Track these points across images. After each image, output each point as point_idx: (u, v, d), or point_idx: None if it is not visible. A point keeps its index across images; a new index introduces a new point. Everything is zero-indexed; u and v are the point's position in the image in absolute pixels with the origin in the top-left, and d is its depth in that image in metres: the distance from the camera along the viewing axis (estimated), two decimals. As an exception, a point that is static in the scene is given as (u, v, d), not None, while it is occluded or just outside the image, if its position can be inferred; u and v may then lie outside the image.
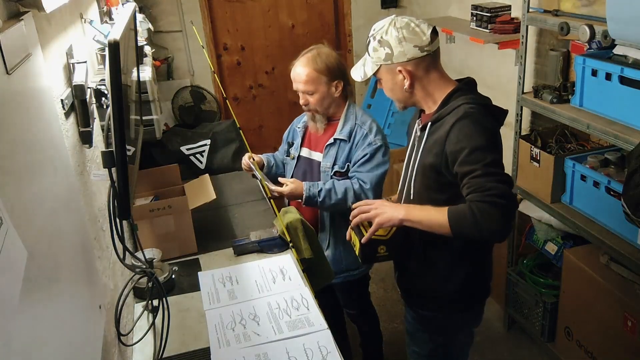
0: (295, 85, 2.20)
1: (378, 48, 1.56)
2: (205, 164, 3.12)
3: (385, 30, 1.54)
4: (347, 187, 2.14)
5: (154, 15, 3.72)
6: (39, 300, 0.86)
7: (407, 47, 1.53)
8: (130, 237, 2.01)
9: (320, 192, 2.15)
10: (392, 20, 1.55)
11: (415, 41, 1.53)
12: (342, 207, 2.15)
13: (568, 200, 2.44)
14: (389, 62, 1.56)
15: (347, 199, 2.13)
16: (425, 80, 1.60)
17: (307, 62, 2.15)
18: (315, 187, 2.17)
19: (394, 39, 1.53)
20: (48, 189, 1.03)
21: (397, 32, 1.52)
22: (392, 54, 1.54)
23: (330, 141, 2.20)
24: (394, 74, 1.58)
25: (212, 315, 1.80)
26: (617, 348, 2.25)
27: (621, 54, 2.07)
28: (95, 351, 1.19)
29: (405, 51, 1.53)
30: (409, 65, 1.56)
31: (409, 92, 1.61)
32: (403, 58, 1.54)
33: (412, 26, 1.54)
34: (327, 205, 2.16)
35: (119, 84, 1.09)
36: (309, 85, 2.15)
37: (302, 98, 2.20)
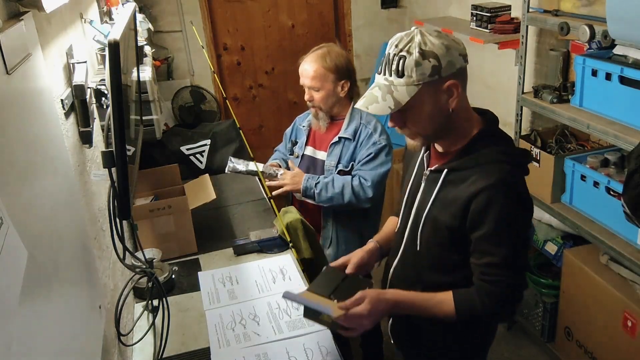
0: (302, 80, 2.20)
1: (421, 61, 1.23)
2: (205, 164, 3.11)
3: (421, 41, 1.24)
4: (345, 182, 2.14)
5: (154, 15, 3.72)
6: (39, 300, 0.86)
7: (455, 54, 1.26)
8: (130, 237, 2.01)
9: (318, 184, 2.16)
10: (419, 31, 1.27)
11: (459, 49, 1.28)
12: (339, 202, 2.15)
13: (568, 200, 2.44)
14: (436, 76, 1.24)
15: (343, 194, 2.14)
16: (463, 103, 1.33)
17: (316, 59, 2.15)
18: (312, 180, 2.19)
19: (439, 47, 1.23)
20: (48, 189, 1.03)
21: (439, 40, 1.24)
22: (440, 66, 1.24)
23: (335, 140, 2.21)
24: (437, 94, 1.27)
25: (212, 315, 1.80)
26: (617, 348, 2.25)
27: (621, 54, 2.07)
28: (95, 351, 1.19)
29: (454, 60, 1.26)
30: (458, 77, 1.28)
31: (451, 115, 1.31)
32: (453, 69, 1.26)
33: (443, 34, 1.29)
34: (324, 198, 2.17)
35: (119, 84, 1.09)
36: (316, 82, 2.15)
37: (307, 93, 2.20)
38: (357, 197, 2.13)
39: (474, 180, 1.29)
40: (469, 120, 1.36)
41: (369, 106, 1.29)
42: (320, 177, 2.20)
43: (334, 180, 2.16)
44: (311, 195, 2.20)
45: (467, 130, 1.36)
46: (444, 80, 1.26)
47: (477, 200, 1.27)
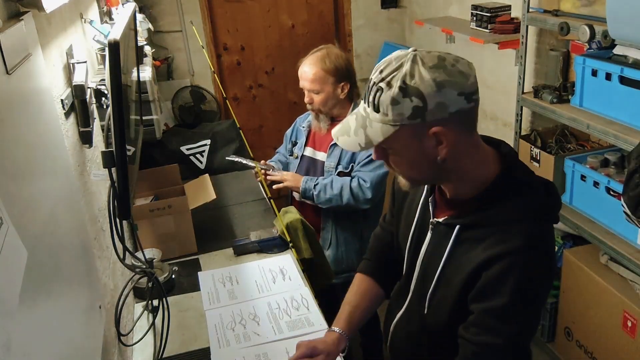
0: (301, 82, 2.20)
1: (400, 100, 1.00)
2: (205, 164, 3.11)
3: (409, 71, 1.00)
4: (343, 184, 2.14)
5: (154, 15, 3.71)
6: (39, 300, 0.86)
7: (450, 95, 1.00)
8: (130, 237, 2.01)
9: (317, 185, 2.17)
10: (414, 56, 1.01)
11: (459, 86, 1.00)
12: (338, 203, 2.16)
13: (568, 200, 2.44)
14: (418, 119, 1.01)
15: (342, 195, 2.14)
16: (463, 150, 1.07)
17: (315, 61, 2.15)
18: (312, 181, 2.19)
19: (428, 84, 0.98)
20: (48, 189, 1.03)
21: (431, 74, 0.99)
22: (424, 108, 0.99)
23: (335, 141, 2.21)
24: (421, 139, 1.04)
25: (212, 315, 1.80)
26: (617, 348, 2.25)
27: (621, 54, 2.07)
28: (95, 351, 1.19)
29: (448, 102, 1.00)
30: (451, 122, 1.02)
31: (443, 164, 1.07)
32: (444, 113, 1.00)
33: (450, 62, 1.01)
34: (323, 200, 2.17)
35: (119, 84, 1.09)
36: (315, 85, 2.15)
37: (307, 96, 2.20)
38: (355, 198, 2.14)
39: (493, 243, 1.07)
40: (481, 163, 1.12)
41: (340, 137, 1.12)
42: (319, 178, 2.21)
43: (333, 182, 2.16)
44: (310, 197, 2.20)
45: (479, 175, 1.12)
46: (429, 125, 1.01)
47: (492, 267, 1.07)
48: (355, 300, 1.46)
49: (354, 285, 1.49)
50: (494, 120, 3.26)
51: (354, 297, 1.47)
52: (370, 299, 1.47)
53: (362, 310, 1.45)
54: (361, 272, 1.50)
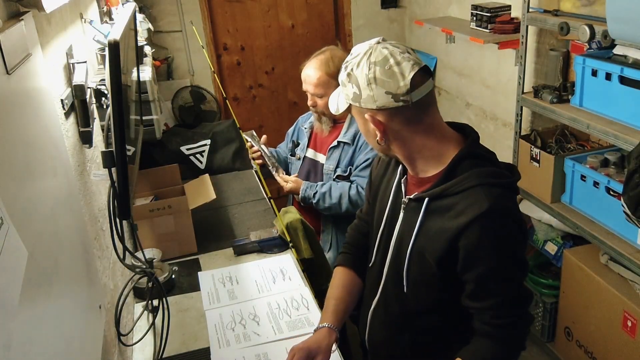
0: (305, 86, 2.20)
1: (346, 83, 1.20)
2: (205, 164, 3.11)
3: (358, 62, 1.17)
4: (342, 192, 2.15)
5: (154, 15, 3.71)
6: (39, 300, 0.86)
7: (378, 92, 1.15)
8: (130, 237, 2.01)
9: (315, 194, 2.17)
10: (370, 49, 1.17)
11: (388, 86, 1.14)
12: (337, 211, 2.17)
13: (568, 200, 2.44)
14: (357, 103, 1.19)
15: (341, 204, 2.15)
16: (406, 135, 1.20)
17: (319, 65, 2.14)
18: (311, 189, 2.20)
19: (362, 77, 1.15)
20: (48, 189, 1.03)
21: (367, 70, 1.15)
22: (359, 96, 1.17)
23: (334, 144, 2.21)
24: (364, 119, 1.21)
25: (212, 315, 1.80)
26: (617, 348, 2.25)
27: (621, 54, 2.07)
28: (95, 351, 1.19)
29: (375, 96, 1.15)
30: (380, 115, 1.18)
31: (384, 145, 1.24)
32: (371, 104, 1.16)
33: (391, 63, 1.14)
34: (322, 208, 2.19)
35: (119, 84, 1.09)
36: (319, 89, 2.15)
37: (310, 99, 2.21)
38: (354, 205, 2.14)
39: (462, 210, 1.14)
40: (437, 147, 1.22)
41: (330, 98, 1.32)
42: (317, 185, 2.21)
43: (332, 190, 2.16)
44: (309, 204, 2.21)
45: (442, 153, 1.22)
46: (364, 111, 1.19)
47: (468, 233, 1.13)
48: (338, 293, 1.49)
49: (334, 279, 1.53)
50: (494, 120, 3.26)
51: (336, 290, 1.50)
52: (352, 291, 1.50)
53: (346, 302, 1.47)
54: (340, 265, 1.54)
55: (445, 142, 1.23)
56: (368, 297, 1.44)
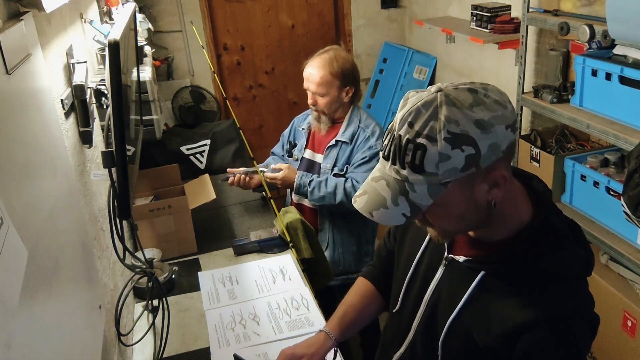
0: (306, 84, 2.19)
1: (450, 152, 0.86)
2: (205, 164, 3.11)
3: (448, 117, 0.86)
4: (338, 183, 2.14)
5: (154, 15, 3.71)
6: (39, 300, 0.86)
7: (500, 131, 0.87)
8: (130, 237, 2.01)
9: (311, 182, 2.16)
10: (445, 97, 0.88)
11: (504, 118, 0.88)
12: (331, 202, 2.15)
13: (568, 200, 2.44)
14: (472, 169, 0.88)
15: (336, 194, 2.14)
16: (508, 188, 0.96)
17: (323, 64, 2.14)
18: (306, 177, 2.19)
19: (475, 125, 0.86)
20: (48, 189, 1.03)
21: (474, 113, 0.87)
22: (478, 154, 0.86)
23: (332, 143, 2.21)
24: (474, 188, 0.92)
25: (212, 315, 1.80)
26: (617, 348, 2.25)
27: (621, 54, 2.07)
28: (95, 351, 1.19)
29: (500, 140, 0.88)
30: (504, 161, 0.91)
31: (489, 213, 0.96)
32: (497, 152, 0.88)
33: (483, 92, 0.89)
34: (316, 197, 2.17)
35: (119, 84, 1.09)
36: (321, 88, 2.14)
37: (311, 98, 2.20)
38: (348, 198, 2.13)
39: (528, 303, 0.94)
40: (516, 202, 1.00)
41: (374, 212, 0.93)
42: (314, 175, 2.21)
43: (327, 180, 2.16)
44: (304, 193, 2.20)
45: (514, 216, 1.00)
46: (484, 171, 0.89)
47: (529, 335, 0.93)
48: (353, 300, 1.40)
49: (355, 286, 1.43)
50: (494, 120, 3.26)
51: (353, 297, 1.40)
52: (368, 302, 1.39)
53: (357, 311, 1.38)
54: (364, 276, 1.44)
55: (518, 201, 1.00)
56: (390, 345, 1.26)
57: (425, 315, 1.13)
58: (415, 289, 1.16)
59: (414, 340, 1.16)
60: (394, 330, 1.25)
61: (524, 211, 1.00)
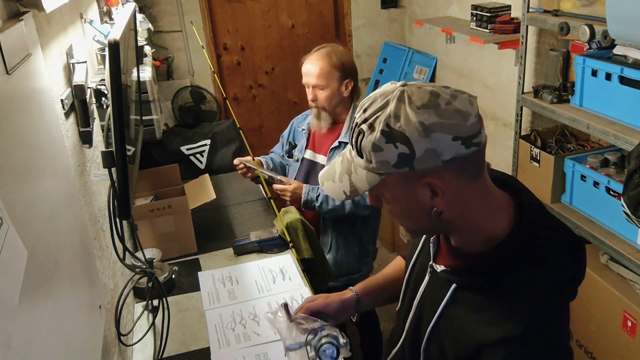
0: (305, 79, 2.17)
1: (382, 145, 0.86)
2: (205, 164, 3.12)
3: (393, 112, 0.86)
4: None
5: (154, 15, 3.71)
6: (39, 300, 0.86)
7: (443, 141, 0.85)
8: (130, 237, 2.01)
9: (318, 197, 2.16)
10: (401, 92, 0.88)
11: (455, 129, 0.85)
12: (340, 213, 2.16)
13: (568, 200, 2.44)
14: (406, 168, 0.87)
15: (344, 206, 2.14)
16: (467, 198, 0.92)
17: (322, 56, 2.13)
18: (313, 192, 2.18)
19: (414, 127, 0.84)
20: (48, 189, 1.03)
21: (419, 115, 0.85)
22: (412, 156, 0.86)
23: (335, 144, 2.20)
24: (415, 188, 0.90)
25: (212, 315, 1.80)
26: (617, 348, 2.25)
27: (621, 54, 2.07)
28: (95, 351, 1.19)
29: (440, 149, 0.85)
30: (446, 173, 0.88)
31: (439, 218, 0.93)
32: (435, 161, 0.86)
33: (446, 99, 0.86)
34: (325, 210, 2.17)
35: (119, 84, 1.09)
36: (321, 80, 2.12)
37: (310, 93, 2.18)
38: (357, 206, 2.14)
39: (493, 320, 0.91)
40: (488, 219, 0.96)
41: (325, 183, 0.99)
42: (319, 188, 2.19)
43: None
44: (312, 208, 2.20)
45: (488, 229, 0.96)
46: (419, 174, 0.87)
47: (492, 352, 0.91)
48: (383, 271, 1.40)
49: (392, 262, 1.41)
50: (494, 120, 3.26)
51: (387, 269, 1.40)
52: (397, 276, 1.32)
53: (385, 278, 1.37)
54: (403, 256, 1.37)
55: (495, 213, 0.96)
56: (389, 342, 1.28)
57: (413, 320, 1.13)
58: (409, 292, 1.17)
59: (404, 341, 1.17)
60: (395, 328, 1.27)
61: (501, 224, 0.96)
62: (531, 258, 0.93)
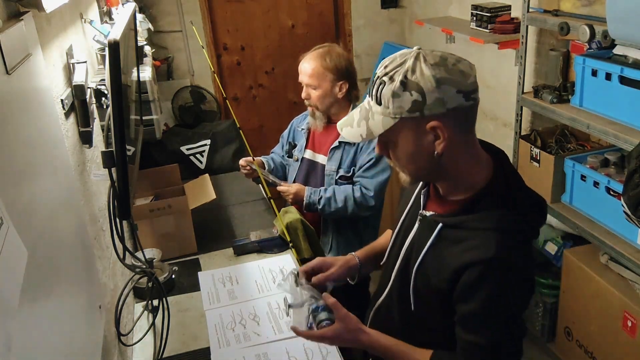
0: (300, 77, 2.20)
1: (400, 93, 1.04)
2: (205, 164, 3.12)
3: (411, 67, 1.05)
4: (347, 195, 2.14)
5: (154, 15, 3.71)
6: (39, 300, 0.86)
7: (449, 92, 1.03)
8: (130, 237, 2.01)
9: (320, 199, 2.16)
10: (418, 54, 1.07)
11: (459, 84, 1.04)
12: (343, 215, 2.16)
13: (568, 200, 2.44)
14: (417, 113, 1.05)
15: (347, 207, 2.14)
16: (460, 148, 1.11)
17: (316, 57, 2.15)
18: (315, 195, 2.18)
19: (428, 79, 1.03)
20: (48, 189, 1.03)
21: (431, 71, 1.03)
22: (423, 102, 1.04)
23: (335, 144, 2.20)
24: (420, 133, 1.08)
25: (212, 315, 1.80)
26: (617, 348, 2.25)
27: (621, 54, 2.07)
28: (95, 351, 1.19)
29: (446, 98, 1.03)
30: (449, 118, 1.06)
31: (439, 159, 1.10)
32: (441, 108, 1.04)
33: (452, 63, 1.06)
34: (327, 213, 2.18)
35: (119, 84, 1.09)
36: (313, 80, 2.14)
37: (304, 91, 2.20)
38: (359, 207, 2.14)
39: (470, 247, 1.11)
40: (474, 168, 1.15)
41: (344, 128, 1.17)
42: (321, 190, 2.20)
43: (336, 194, 2.15)
44: (314, 210, 2.20)
45: (471, 180, 1.15)
46: (427, 119, 1.05)
47: (469, 272, 1.10)
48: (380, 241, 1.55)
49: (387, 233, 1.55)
50: (494, 120, 3.26)
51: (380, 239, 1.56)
52: None
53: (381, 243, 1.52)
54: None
55: (478, 167, 1.15)
56: (374, 295, 1.42)
57: (400, 266, 1.27)
58: (399, 241, 1.31)
59: (392, 289, 1.31)
60: (379, 281, 1.41)
61: (481, 176, 1.15)
62: (504, 202, 1.13)
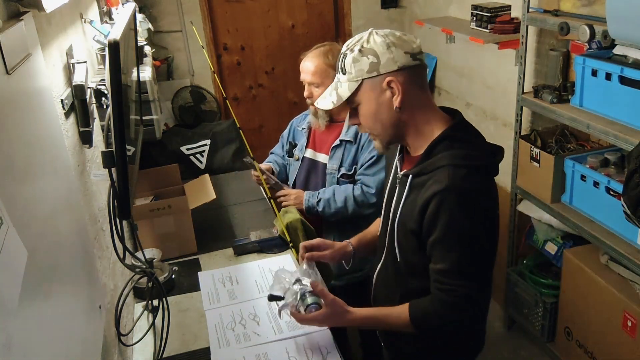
0: (302, 75, 2.19)
1: (359, 58, 1.27)
2: (205, 164, 3.12)
3: (366, 39, 1.28)
4: (347, 195, 2.14)
5: (154, 15, 3.71)
6: (38, 300, 0.86)
7: (398, 53, 1.26)
8: (130, 237, 2.01)
9: (319, 202, 2.16)
10: (372, 31, 1.30)
11: (406, 47, 1.27)
12: (344, 215, 2.16)
13: (568, 200, 2.44)
14: (374, 73, 1.27)
15: (347, 207, 2.14)
16: (415, 103, 1.31)
17: (318, 55, 2.15)
18: (314, 197, 2.18)
19: (380, 45, 1.26)
20: (48, 189, 1.03)
21: (382, 38, 1.27)
22: (378, 63, 1.26)
23: (336, 143, 2.20)
24: (379, 91, 1.29)
25: (212, 315, 1.80)
26: (617, 348, 2.25)
27: (621, 54, 2.07)
28: (95, 351, 1.19)
29: (396, 58, 1.26)
30: (400, 76, 1.27)
31: (398, 113, 1.30)
32: (392, 66, 1.26)
33: (398, 34, 1.29)
34: (328, 214, 2.17)
35: (119, 84, 1.09)
36: (316, 77, 2.14)
37: (306, 90, 2.19)
38: (360, 206, 2.14)
39: (429, 185, 1.27)
40: (430, 121, 1.34)
41: (319, 101, 1.37)
42: (319, 192, 2.20)
43: (335, 194, 2.15)
44: (314, 214, 2.20)
45: (428, 133, 1.33)
46: (383, 77, 1.27)
47: (430, 205, 1.26)
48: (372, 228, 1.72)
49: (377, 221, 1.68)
50: (494, 120, 3.26)
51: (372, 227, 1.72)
52: None
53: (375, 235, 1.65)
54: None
55: (435, 121, 1.34)
56: (375, 262, 1.57)
57: (390, 227, 1.43)
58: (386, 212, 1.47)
59: (387, 249, 1.48)
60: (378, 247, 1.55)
61: (439, 128, 1.33)
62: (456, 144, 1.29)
